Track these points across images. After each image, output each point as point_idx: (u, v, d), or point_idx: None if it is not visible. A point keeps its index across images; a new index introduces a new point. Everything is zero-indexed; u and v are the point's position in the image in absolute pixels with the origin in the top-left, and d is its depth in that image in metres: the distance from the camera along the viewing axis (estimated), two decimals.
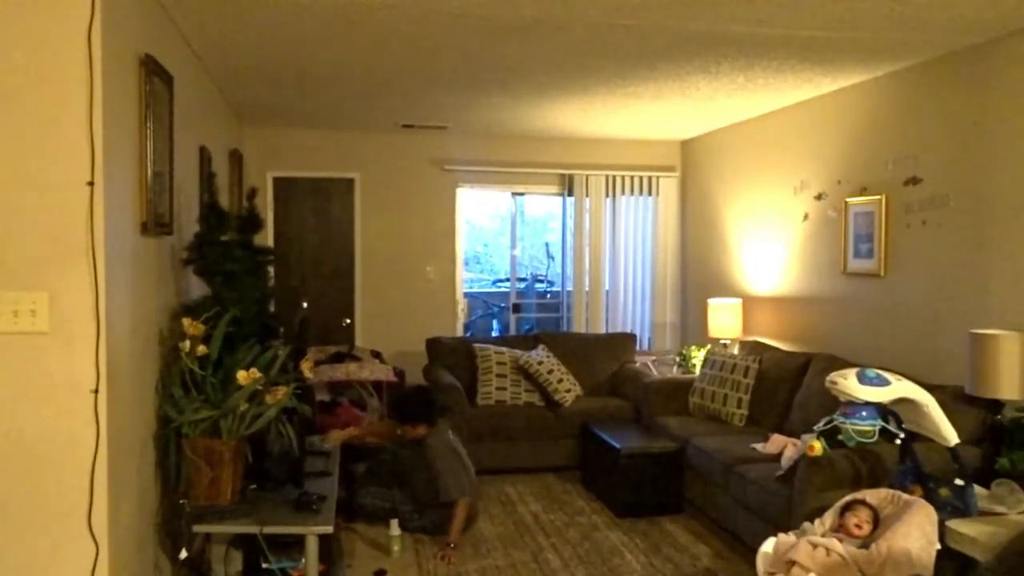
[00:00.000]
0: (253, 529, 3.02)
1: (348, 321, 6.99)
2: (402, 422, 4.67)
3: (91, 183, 2.42)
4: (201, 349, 3.00)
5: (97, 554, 2.46)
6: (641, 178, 7.35)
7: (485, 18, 3.56)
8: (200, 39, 3.96)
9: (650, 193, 7.39)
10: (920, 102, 4.43)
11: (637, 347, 6.81)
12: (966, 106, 4.09)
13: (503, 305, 9.33)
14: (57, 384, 2.44)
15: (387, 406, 4.79)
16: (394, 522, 4.29)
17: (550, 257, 10.51)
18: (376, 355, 6.22)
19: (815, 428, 3.48)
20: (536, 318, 8.49)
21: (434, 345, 6.24)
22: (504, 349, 6.07)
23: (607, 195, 7.31)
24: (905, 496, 3.09)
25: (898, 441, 3.30)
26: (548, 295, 9.70)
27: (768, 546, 3.10)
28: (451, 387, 5.57)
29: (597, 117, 6.07)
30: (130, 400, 2.77)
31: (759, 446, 4.54)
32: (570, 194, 7.30)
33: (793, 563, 2.90)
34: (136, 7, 2.92)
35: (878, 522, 3.05)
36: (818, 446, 3.23)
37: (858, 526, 3.03)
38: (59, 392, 2.44)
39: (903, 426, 3.26)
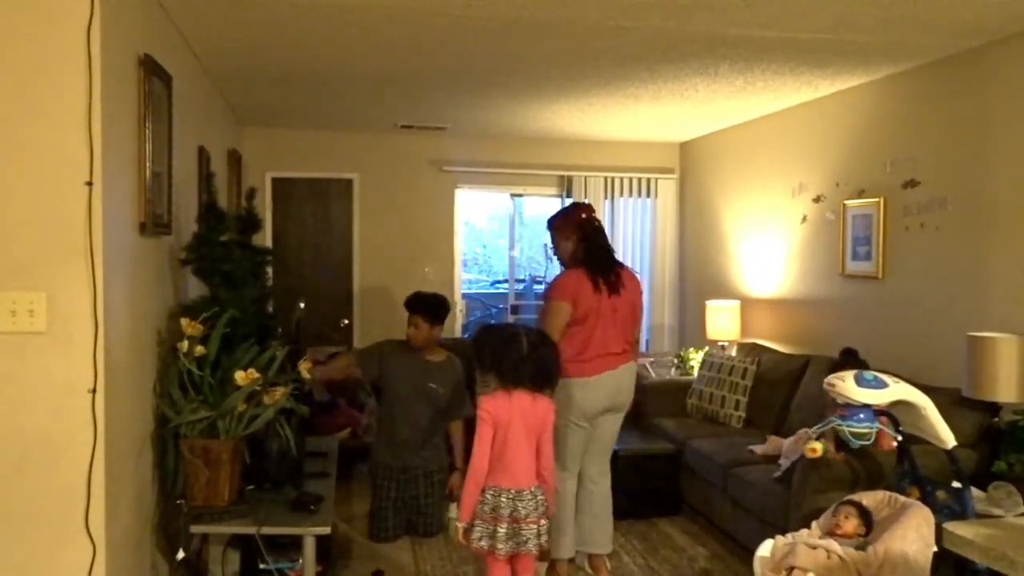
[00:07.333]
0: (251, 530, 3.02)
1: (346, 322, 6.98)
2: (439, 322, 4.79)
3: (90, 183, 2.42)
4: (199, 349, 2.99)
5: (94, 555, 2.45)
6: (640, 180, 7.34)
7: (485, 18, 3.56)
8: (199, 39, 3.96)
9: (648, 195, 7.39)
10: (919, 105, 4.43)
11: None
12: (964, 109, 4.10)
13: (501, 306, 9.33)
14: (55, 384, 2.43)
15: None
16: (453, 505, 4.35)
17: (548, 258, 10.48)
18: None
19: (811, 431, 3.48)
20: (534, 319, 8.47)
21: None
22: None
23: (606, 197, 7.30)
24: (902, 498, 3.09)
25: (895, 443, 3.31)
26: None
27: (765, 549, 3.10)
28: None
29: (596, 119, 6.07)
30: (128, 400, 2.77)
31: (757, 448, 4.55)
32: (569, 195, 7.29)
33: (792, 569, 2.90)
34: (135, 7, 2.92)
35: (870, 521, 3.05)
36: (819, 448, 3.23)
37: (838, 525, 3.04)
38: (56, 392, 2.43)
39: (900, 428, 3.26)
